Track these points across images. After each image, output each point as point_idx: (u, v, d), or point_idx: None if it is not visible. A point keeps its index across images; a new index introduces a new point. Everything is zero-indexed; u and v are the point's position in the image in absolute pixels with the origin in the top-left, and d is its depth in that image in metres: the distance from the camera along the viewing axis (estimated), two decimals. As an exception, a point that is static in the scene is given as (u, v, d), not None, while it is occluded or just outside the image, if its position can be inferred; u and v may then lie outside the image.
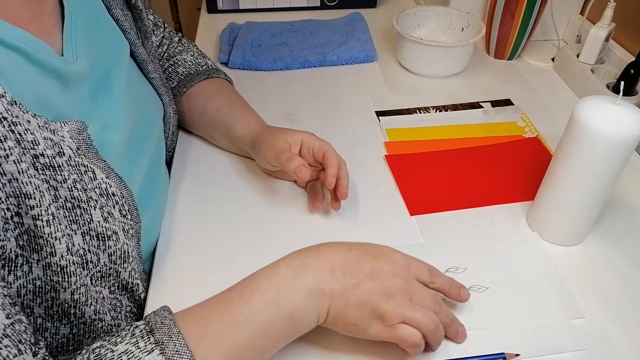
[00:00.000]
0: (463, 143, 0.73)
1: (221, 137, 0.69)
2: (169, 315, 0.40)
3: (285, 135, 0.60)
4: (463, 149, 0.72)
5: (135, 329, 0.39)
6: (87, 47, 0.47)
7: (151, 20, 0.71)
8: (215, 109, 0.68)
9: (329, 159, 0.58)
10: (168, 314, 0.41)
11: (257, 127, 0.65)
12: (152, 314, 0.41)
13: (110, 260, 0.44)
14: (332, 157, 0.58)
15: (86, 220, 0.41)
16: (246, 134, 0.65)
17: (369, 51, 0.92)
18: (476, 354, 0.48)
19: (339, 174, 0.58)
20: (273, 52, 0.92)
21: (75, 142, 0.42)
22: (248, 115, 0.67)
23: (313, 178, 0.62)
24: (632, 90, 0.76)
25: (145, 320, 0.40)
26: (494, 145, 0.73)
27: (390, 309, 0.43)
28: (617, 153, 0.49)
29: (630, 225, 0.61)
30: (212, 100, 0.69)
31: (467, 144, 0.73)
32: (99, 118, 0.47)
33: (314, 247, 0.46)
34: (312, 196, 0.63)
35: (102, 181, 0.43)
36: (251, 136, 0.64)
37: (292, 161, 0.57)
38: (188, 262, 0.56)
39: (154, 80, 0.62)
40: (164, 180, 0.62)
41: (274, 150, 0.59)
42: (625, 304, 0.53)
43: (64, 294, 0.40)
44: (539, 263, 0.56)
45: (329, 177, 0.57)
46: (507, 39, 0.90)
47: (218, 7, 1.09)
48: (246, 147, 0.65)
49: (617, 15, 0.80)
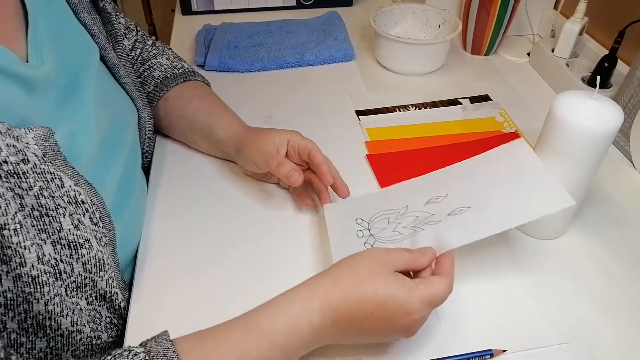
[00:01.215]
0: (443, 140, 0.73)
1: (201, 140, 0.68)
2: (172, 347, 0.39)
3: (270, 136, 0.60)
4: (443, 146, 0.72)
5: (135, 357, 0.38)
6: (54, 52, 0.46)
7: (122, 24, 0.69)
8: (194, 112, 0.67)
9: (316, 158, 0.59)
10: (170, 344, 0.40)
11: (239, 129, 0.64)
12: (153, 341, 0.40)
13: (85, 269, 0.43)
14: (319, 156, 0.59)
15: (55, 229, 0.40)
16: (228, 137, 0.64)
17: (346, 50, 0.92)
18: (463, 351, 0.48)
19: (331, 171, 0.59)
20: (250, 53, 0.91)
21: (41, 149, 0.40)
22: (229, 117, 0.66)
23: None
24: (606, 83, 0.77)
25: (146, 350, 0.39)
26: (473, 142, 0.73)
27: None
28: (596, 147, 0.50)
29: (609, 217, 0.62)
30: (190, 102, 0.68)
31: (447, 140, 0.73)
32: (67, 124, 0.46)
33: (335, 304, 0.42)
34: (299, 195, 0.62)
35: (71, 189, 0.42)
36: (234, 139, 0.63)
37: (284, 167, 0.56)
38: (169, 269, 0.55)
39: (127, 85, 0.61)
40: (141, 187, 0.61)
41: (262, 154, 0.59)
42: (608, 295, 0.53)
43: (38, 306, 0.39)
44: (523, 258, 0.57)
45: (326, 175, 0.58)
46: (483, 35, 0.91)
47: (192, 9, 1.07)
48: (229, 150, 0.65)
49: (589, 9, 0.81)
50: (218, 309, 0.47)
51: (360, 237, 0.54)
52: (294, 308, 0.42)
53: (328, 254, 0.55)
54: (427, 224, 0.52)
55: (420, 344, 0.49)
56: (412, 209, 0.55)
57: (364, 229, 0.55)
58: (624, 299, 0.53)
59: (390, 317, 0.42)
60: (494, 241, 0.59)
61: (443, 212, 0.52)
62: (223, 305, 0.51)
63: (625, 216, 0.62)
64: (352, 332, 0.43)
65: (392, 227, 0.54)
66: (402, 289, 0.42)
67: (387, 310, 0.41)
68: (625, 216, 0.62)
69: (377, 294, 0.41)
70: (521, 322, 0.51)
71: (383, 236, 0.53)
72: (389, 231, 0.53)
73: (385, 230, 0.54)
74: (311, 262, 0.56)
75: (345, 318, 0.42)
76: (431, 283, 0.43)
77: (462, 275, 0.55)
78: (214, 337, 0.42)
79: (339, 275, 0.43)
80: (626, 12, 0.79)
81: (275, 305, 0.43)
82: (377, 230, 0.54)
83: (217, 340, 0.41)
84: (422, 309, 0.42)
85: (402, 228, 0.53)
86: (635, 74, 0.68)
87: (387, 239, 0.53)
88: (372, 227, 0.54)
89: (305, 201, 0.61)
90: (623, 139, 0.71)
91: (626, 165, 0.70)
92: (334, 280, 0.43)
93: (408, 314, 0.42)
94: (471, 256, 0.57)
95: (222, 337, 0.42)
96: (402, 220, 0.54)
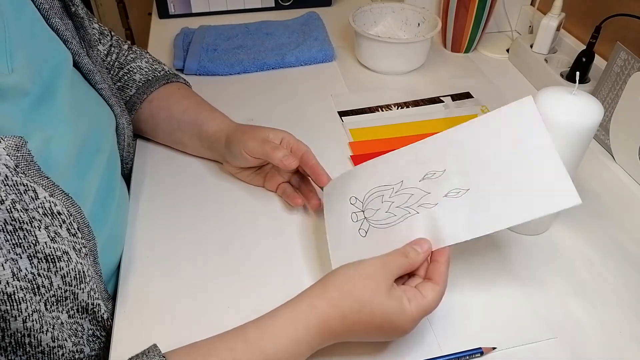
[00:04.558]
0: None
1: (189, 140, 0.68)
2: None
3: (265, 131, 0.61)
4: (427, 145, 0.72)
5: None
6: (26, 59, 0.45)
7: (96, 29, 0.68)
8: (182, 111, 0.67)
9: (310, 159, 0.59)
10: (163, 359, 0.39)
11: (230, 124, 0.65)
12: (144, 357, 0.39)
13: (65, 282, 0.42)
14: (312, 158, 0.60)
15: (31, 243, 0.39)
16: (219, 130, 0.64)
17: (327, 51, 0.91)
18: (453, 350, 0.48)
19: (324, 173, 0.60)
20: (230, 56, 0.90)
21: (14, 160, 0.39)
22: (219, 114, 0.67)
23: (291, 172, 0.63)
24: (585, 78, 0.78)
25: None
26: (456, 139, 0.73)
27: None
28: (578, 142, 0.50)
29: (592, 211, 0.63)
30: (177, 103, 0.68)
31: (431, 139, 0.73)
32: (41, 132, 0.44)
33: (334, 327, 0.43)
34: (289, 196, 0.62)
35: (46, 200, 0.41)
36: (225, 132, 0.64)
37: (279, 150, 0.57)
38: (155, 279, 0.54)
39: (103, 91, 0.60)
40: (121, 194, 0.59)
41: (256, 141, 0.59)
42: (593, 289, 0.54)
43: (15, 323, 0.38)
44: (509, 255, 0.57)
45: (321, 175, 0.59)
46: (462, 32, 0.91)
47: (170, 12, 1.06)
48: (218, 145, 0.64)
49: (566, 5, 0.82)
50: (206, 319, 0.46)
51: (355, 221, 0.53)
52: (295, 330, 0.42)
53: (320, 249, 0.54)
54: (422, 207, 0.50)
55: (410, 344, 0.48)
56: (407, 185, 0.52)
57: (358, 210, 0.54)
58: (608, 292, 0.53)
59: (384, 334, 0.45)
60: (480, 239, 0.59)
61: (439, 192, 0.50)
62: (211, 315, 0.51)
63: (608, 209, 0.63)
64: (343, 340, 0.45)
65: (386, 207, 0.52)
66: (398, 311, 0.43)
67: (382, 329, 0.44)
68: (607, 209, 0.63)
69: (375, 317, 0.43)
70: (509, 318, 0.51)
71: (377, 219, 0.52)
72: (382, 212, 0.52)
73: (379, 212, 0.52)
74: (302, 269, 0.55)
75: (341, 337, 0.44)
76: (424, 296, 0.44)
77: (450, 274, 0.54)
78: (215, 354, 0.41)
79: (337, 298, 0.43)
80: (602, 8, 0.80)
81: (276, 327, 0.42)
82: (371, 212, 0.52)
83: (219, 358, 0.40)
84: (413, 323, 0.44)
85: (395, 208, 0.51)
86: (612, 68, 0.69)
87: (380, 223, 0.51)
88: (366, 208, 0.53)
89: (295, 200, 0.61)
90: (603, 133, 0.72)
91: (607, 158, 0.71)
92: (333, 304, 0.43)
93: (401, 332, 0.44)
94: (457, 254, 0.57)
95: (223, 355, 0.41)
96: (396, 199, 0.52)
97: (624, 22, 0.71)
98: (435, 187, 0.50)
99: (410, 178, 0.52)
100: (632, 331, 0.50)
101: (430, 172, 0.52)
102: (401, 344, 0.48)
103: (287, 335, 0.42)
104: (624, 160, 0.68)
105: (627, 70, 0.66)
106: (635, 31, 0.73)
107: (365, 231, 0.52)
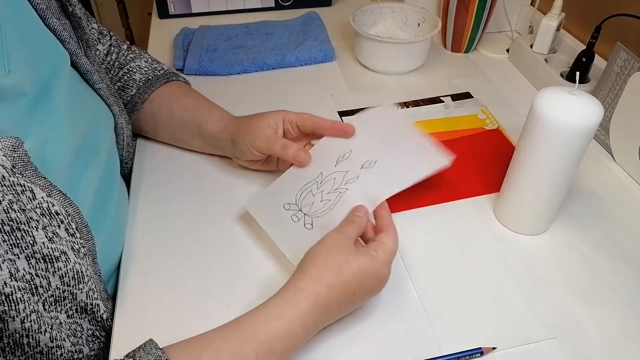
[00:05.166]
0: (426, 139, 0.73)
1: (192, 138, 0.68)
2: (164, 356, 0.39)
3: (265, 119, 0.61)
4: (427, 145, 0.72)
5: None
6: (23, 59, 0.45)
7: (95, 29, 0.68)
8: (182, 110, 0.67)
9: (323, 122, 0.60)
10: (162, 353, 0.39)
11: (230, 120, 0.65)
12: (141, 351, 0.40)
13: (63, 282, 0.42)
14: (323, 120, 0.60)
15: (29, 243, 0.39)
16: (221, 130, 0.64)
17: (327, 51, 0.91)
18: (453, 350, 0.48)
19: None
20: (230, 56, 0.90)
21: (10, 160, 0.39)
22: (217, 110, 0.67)
23: None
24: (585, 78, 0.78)
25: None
26: (457, 139, 0.73)
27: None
28: (577, 142, 0.50)
29: (591, 211, 0.62)
30: (177, 101, 0.68)
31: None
32: (38, 133, 0.44)
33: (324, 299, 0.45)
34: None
35: (43, 200, 0.41)
36: (227, 131, 0.63)
37: (289, 148, 0.58)
38: (154, 278, 0.54)
39: (101, 91, 0.60)
40: (120, 194, 0.59)
41: (263, 139, 0.59)
42: (593, 289, 0.54)
43: (13, 324, 0.38)
44: (509, 255, 0.57)
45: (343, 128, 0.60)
46: (462, 32, 0.91)
47: (170, 12, 1.05)
48: (223, 144, 0.64)
49: (566, 5, 0.82)
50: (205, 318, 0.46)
51: (297, 221, 0.56)
52: (286, 315, 0.44)
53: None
54: (348, 182, 0.56)
55: (410, 344, 0.48)
56: (326, 173, 0.58)
57: (295, 211, 0.56)
58: (608, 292, 0.53)
59: (369, 288, 0.48)
60: (480, 238, 0.59)
61: (355, 166, 0.57)
62: (211, 315, 0.51)
63: (608, 209, 0.63)
64: (338, 313, 0.48)
65: (319, 197, 0.56)
66: (370, 260, 0.47)
67: (365, 283, 0.47)
68: (607, 209, 0.63)
69: (355, 274, 0.46)
70: (509, 318, 0.51)
71: (316, 210, 0.55)
72: (318, 203, 0.56)
73: (315, 204, 0.56)
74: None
75: (333, 307, 0.46)
76: (383, 243, 0.49)
77: (450, 275, 0.55)
78: (211, 346, 0.42)
79: (317, 273, 0.46)
80: (602, 7, 0.80)
81: (268, 313, 0.44)
82: (308, 207, 0.56)
83: (216, 350, 0.41)
84: (387, 269, 0.49)
85: (327, 194, 0.56)
86: (612, 68, 0.69)
87: (320, 211, 0.55)
88: (302, 206, 0.56)
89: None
90: (603, 133, 0.72)
91: (607, 158, 0.70)
92: (316, 278, 0.45)
93: (381, 279, 0.48)
94: (457, 254, 0.57)
95: (219, 345, 0.42)
96: (323, 188, 0.57)
97: (624, 22, 0.71)
98: (350, 165, 0.58)
99: (326, 167, 0.58)
100: (632, 331, 0.50)
101: (340, 156, 0.59)
102: (401, 344, 0.48)
103: (278, 320, 0.43)
104: (624, 160, 0.68)
105: (627, 70, 0.66)
106: (635, 31, 0.73)
107: (311, 224, 0.55)
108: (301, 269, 0.47)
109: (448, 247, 0.58)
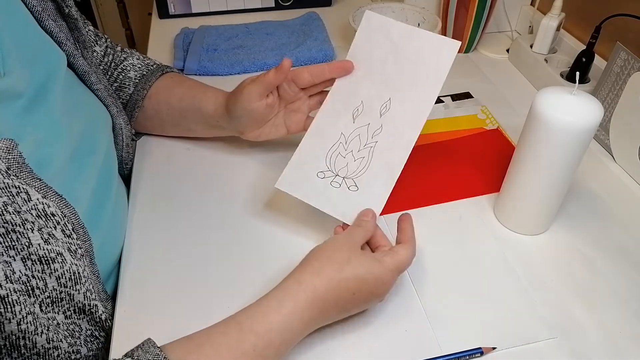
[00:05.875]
0: (426, 139, 0.73)
1: (195, 124, 0.68)
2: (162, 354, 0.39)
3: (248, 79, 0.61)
4: (427, 145, 0.72)
5: None
6: (18, 62, 0.45)
7: (92, 31, 0.68)
8: (179, 99, 0.67)
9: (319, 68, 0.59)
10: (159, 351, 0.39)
11: (224, 96, 0.65)
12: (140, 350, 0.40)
13: (59, 283, 0.42)
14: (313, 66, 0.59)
15: (24, 245, 0.39)
16: (217, 106, 0.64)
17: (326, 51, 0.91)
18: (453, 350, 0.48)
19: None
20: (230, 56, 0.90)
21: (5, 162, 0.39)
22: (212, 91, 0.67)
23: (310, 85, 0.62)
24: (585, 78, 0.78)
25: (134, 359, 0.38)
26: (457, 139, 0.73)
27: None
28: (577, 142, 0.50)
29: (591, 211, 0.62)
30: (172, 92, 0.68)
31: (431, 139, 0.73)
32: (34, 134, 0.44)
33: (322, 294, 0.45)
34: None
35: (39, 202, 0.41)
36: (223, 105, 0.63)
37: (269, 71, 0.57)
38: (154, 278, 0.54)
39: (99, 92, 0.60)
40: (119, 195, 0.59)
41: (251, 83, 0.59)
42: (593, 289, 0.54)
43: (9, 326, 0.38)
44: (509, 255, 0.57)
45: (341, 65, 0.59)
46: (462, 32, 0.91)
47: (170, 12, 1.05)
48: (222, 121, 0.64)
49: (566, 5, 0.82)
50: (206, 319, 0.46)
51: (338, 186, 0.56)
52: (284, 307, 0.44)
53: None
54: (375, 135, 0.56)
55: (410, 344, 0.48)
56: (348, 132, 0.57)
57: (332, 176, 0.56)
58: (608, 292, 0.53)
59: (370, 290, 0.47)
60: (480, 238, 0.59)
61: (374, 115, 0.56)
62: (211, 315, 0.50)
63: (608, 209, 0.63)
64: (336, 313, 0.47)
65: (351, 158, 0.56)
66: (375, 263, 0.47)
67: (367, 284, 0.46)
68: (607, 209, 0.63)
69: (357, 273, 0.46)
70: (509, 318, 0.51)
71: (353, 171, 0.55)
72: (352, 164, 0.56)
73: (349, 165, 0.56)
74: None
75: (332, 304, 0.45)
76: (396, 252, 0.48)
77: (450, 274, 0.55)
78: (209, 341, 0.42)
79: (318, 266, 0.46)
80: (602, 8, 0.80)
81: (267, 306, 0.44)
82: (344, 171, 0.56)
83: (214, 345, 0.41)
84: (392, 276, 0.48)
85: (358, 152, 0.56)
86: (612, 68, 0.69)
87: (359, 171, 0.55)
88: (338, 171, 0.56)
89: None
90: (603, 133, 0.72)
91: (606, 158, 0.70)
92: (316, 272, 0.46)
93: (383, 284, 0.47)
94: (458, 255, 0.57)
95: (218, 340, 0.42)
96: (352, 147, 0.56)
97: (624, 22, 0.71)
98: (369, 116, 0.57)
99: (345, 126, 0.57)
100: (632, 331, 0.50)
101: (354, 110, 0.57)
102: (401, 344, 0.48)
103: (276, 312, 0.43)
104: (624, 160, 0.68)
105: (627, 70, 0.66)
106: (635, 31, 0.73)
107: (355, 185, 0.55)
108: (302, 264, 0.47)
109: (448, 247, 0.58)
